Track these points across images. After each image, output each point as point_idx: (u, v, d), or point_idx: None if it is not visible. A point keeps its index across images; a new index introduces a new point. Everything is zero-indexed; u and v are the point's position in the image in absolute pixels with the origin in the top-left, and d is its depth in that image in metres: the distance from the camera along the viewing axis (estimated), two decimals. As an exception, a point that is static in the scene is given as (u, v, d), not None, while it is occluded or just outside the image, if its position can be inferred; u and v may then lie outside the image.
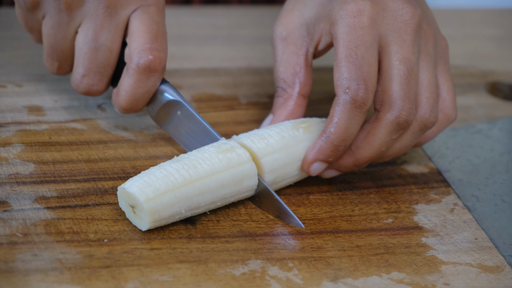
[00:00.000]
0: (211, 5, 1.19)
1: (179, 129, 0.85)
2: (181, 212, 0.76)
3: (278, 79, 0.84)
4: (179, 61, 1.03)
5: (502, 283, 0.76)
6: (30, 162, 0.82)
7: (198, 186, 0.76)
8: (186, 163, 0.76)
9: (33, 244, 0.73)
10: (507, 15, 1.28)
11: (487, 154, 0.93)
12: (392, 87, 0.79)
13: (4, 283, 0.69)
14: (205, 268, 0.74)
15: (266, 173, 0.80)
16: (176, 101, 0.84)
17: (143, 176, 0.75)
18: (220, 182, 0.77)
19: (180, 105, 0.84)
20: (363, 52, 0.78)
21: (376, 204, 0.84)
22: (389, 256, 0.78)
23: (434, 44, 0.83)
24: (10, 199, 0.77)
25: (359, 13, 0.79)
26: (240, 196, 0.79)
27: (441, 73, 0.84)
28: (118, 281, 0.71)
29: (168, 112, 0.85)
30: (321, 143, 0.80)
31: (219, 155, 0.77)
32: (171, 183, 0.75)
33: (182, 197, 0.75)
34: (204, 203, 0.77)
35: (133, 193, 0.74)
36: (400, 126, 0.80)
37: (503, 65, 1.12)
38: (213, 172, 0.77)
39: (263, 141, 0.80)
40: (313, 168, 0.81)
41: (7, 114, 0.88)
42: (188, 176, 0.75)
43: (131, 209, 0.75)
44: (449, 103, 0.84)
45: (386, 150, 0.81)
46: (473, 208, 0.85)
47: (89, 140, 0.86)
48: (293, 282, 0.74)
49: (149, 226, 0.75)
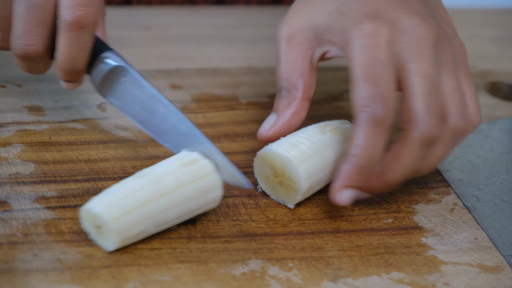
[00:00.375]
0: (216, 6, 1.19)
1: (124, 98, 0.83)
2: (148, 230, 0.74)
3: (282, 78, 0.83)
4: (179, 61, 1.03)
5: (502, 283, 0.77)
6: (30, 162, 0.82)
7: (164, 201, 0.74)
8: (151, 178, 0.74)
9: (33, 244, 0.73)
10: (507, 15, 1.28)
11: (487, 154, 0.93)
12: (415, 104, 0.78)
13: (4, 283, 0.69)
14: (205, 268, 0.74)
15: (302, 180, 0.79)
16: (120, 67, 0.82)
17: (107, 195, 0.73)
18: (186, 195, 0.75)
19: (125, 71, 0.82)
20: (380, 70, 0.77)
21: (376, 204, 0.84)
22: (389, 256, 0.78)
23: (452, 52, 0.81)
24: (10, 199, 0.77)
25: (375, 33, 0.78)
26: (205, 208, 0.77)
27: (462, 80, 0.82)
28: (118, 281, 0.71)
29: (112, 80, 0.83)
30: (347, 167, 0.77)
31: (183, 168, 0.76)
32: (136, 200, 0.73)
33: (149, 214, 0.73)
34: (170, 218, 0.75)
35: (99, 214, 0.72)
36: (427, 143, 0.78)
37: (503, 65, 1.12)
38: (179, 186, 0.75)
39: (296, 149, 0.79)
40: (343, 196, 0.78)
41: (7, 114, 0.88)
42: (153, 192, 0.74)
43: (96, 229, 0.73)
44: (473, 109, 0.82)
45: (417, 167, 0.79)
46: (473, 208, 0.85)
47: (89, 140, 0.86)
48: (293, 282, 0.74)
49: (116, 246, 0.73)
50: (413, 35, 0.79)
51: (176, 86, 0.98)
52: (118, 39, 1.05)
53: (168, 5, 1.17)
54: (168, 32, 0.85)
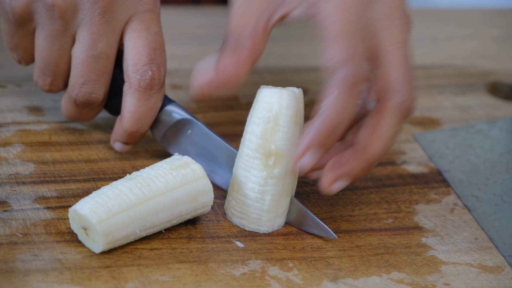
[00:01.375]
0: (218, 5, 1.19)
1: (188, 150, 0.83)
2: (136, 233, 0.73)
3: (231, 31, 0.78)
4: (179, 61, 1.03)
5: (502, 283, 0.76)
6: (30, 162, 0.82)
7: (153, 204, 0.73)
8: (139, 181, 0.74)
9: (33, 244, 0.73)
10: (507, 15, 1.28)
11: (487, 154, 0.93)
12: (392, 72, 0.75)
13: (4, 283, 0.69)
14: (205, 268, 0.74)
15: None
16: (186, 120, 0.82)
17: (95, 197, 0.73)
18: (175, 199, 0.75)
19: (192, 123, 0.82)
20: (354, 30, 0.74)
21: (376, 204, 0.84)
22: (389, 256, 0.78)
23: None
24: (10, 199, 0.77)
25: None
26: (195, 213, 0.77)
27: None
28: (118, 281, 0.71)
29: (176, 132, 0.83)
30: (313, 127, 0.73)
31: (173, 171, 0.75)
32: (124, 203, 0.72)
33: (136, 217, 0.73)
34: (159, 222, 0.74)
35: (85, 215, 0.71)
36: (406, 112, 0.75)
37: (503, 65, 1.12)
38: (167, 190, 0.74)
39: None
40: (307, 158, 0.74)
41: (7, 114, 0.88)
42: (141, 195, 0.73)
43: (83, 231, 0.73)
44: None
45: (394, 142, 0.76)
46: (473, 208, 0.85)
47: (89, 140, 0.86)
48: (293, 282, 0.74)
49: (102, 249, 0.72)
50: (388, 3, 0.77)
51: (176, 86, 0.98)
52: (118, 39, 1.05)
53: (170, 4, 1.17)
54: (168, 32, 0.85)
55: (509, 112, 1.02)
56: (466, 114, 1.00)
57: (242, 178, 0.77)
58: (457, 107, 1.02)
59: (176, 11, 1.15)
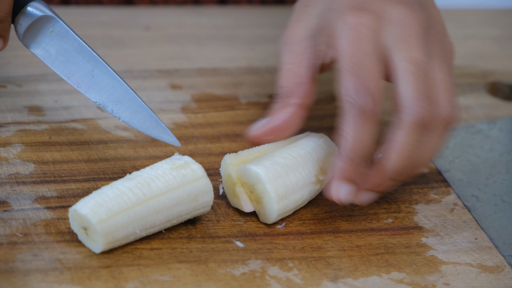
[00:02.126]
0: (218, 5, 1.19)
1: (49, 49, 0.81)
2: (136, 233, 0.73)
3: (279, 87, 0.82)
4: (179, 61, 1.03)
5: (502, 283, 0.76)
6: (30, 162, 0.82)
7: (153, 204, 0.74)
8: (139, 181, 0.74)
9: (33, 244, 0.73)
10: (507, 15, 1.28)
11: (487, 154, 0.93)
12: (402, 87, 0.77)
13: (4, 283, 0.69)
14: (205, 268, 0.74)
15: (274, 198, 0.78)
16: (49, 17, 0.80)
17: (95, 197, 0.73)
18: (175, 199, 0.75)
19: (54, 22, 0.80)
20: (365, 61, 0.77)
21: (376, 204, 0.84)
22: (389, 256, 0.78)
23: (441, 47, 0.80)
24: (10, 199, 0.77)
25: (358, 25, 0.78)
26: (196, 213, 0.77)
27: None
28: (118, 281, 0.71)
29: (38, 30, 0.81)
30: (339, 162, 0.77)
31: (173, 171, 0.75)
32: (124, 203, 0.72)
33: (136, 217, 0.73)
34: (159, 222, 0.74)
35: (85, 215, 0.71)
36: (419, 126, 0.77)
37: (503, 65, 1.12)
38: (168, 190, 0.74)
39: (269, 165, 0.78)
40: (342, 193, 0.77)
41: (7, 114, 0.88)
42: (141, 195, 0.73)
43: (83, 231, 0.73)
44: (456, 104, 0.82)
45: (413, 159, 0.78)
46: (473, 208, 0.85)
47: (89, 140, 0.86)
48: (293, 282, 0.74)
49: (102, 249, 0.72)
50: (399, 24, 0.78)
51: (176, 86, 0.98)
52: (118, 39, 1.05)
53: (170, 4, 1.17)
54: (168, 32, 0.85)
55: (509, 112, 1.02)
56: (466, 114, 1.00)
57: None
58: (457, 107, 1.02)
59: (176, 11, 1.15)
